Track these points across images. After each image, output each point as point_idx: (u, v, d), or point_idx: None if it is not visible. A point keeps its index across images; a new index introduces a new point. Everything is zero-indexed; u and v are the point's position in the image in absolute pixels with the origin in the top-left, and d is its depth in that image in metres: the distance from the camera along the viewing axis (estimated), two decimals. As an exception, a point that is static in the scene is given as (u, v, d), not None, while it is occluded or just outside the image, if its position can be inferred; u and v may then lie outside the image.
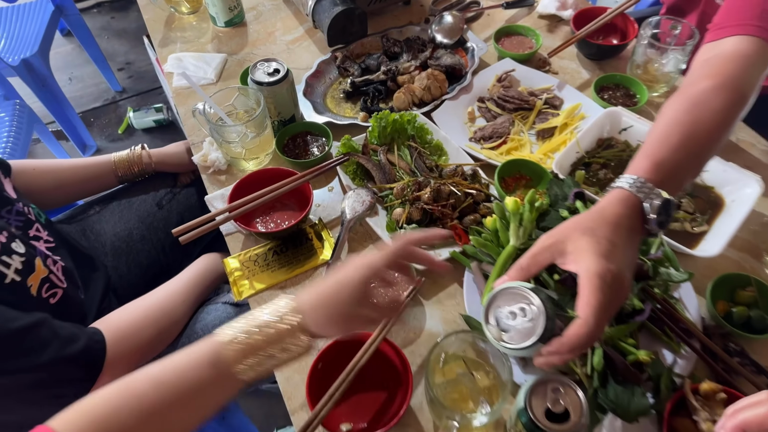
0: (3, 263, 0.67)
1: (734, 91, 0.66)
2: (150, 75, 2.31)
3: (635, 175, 0.59)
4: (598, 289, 0.51)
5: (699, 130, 0.62)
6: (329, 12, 1.06)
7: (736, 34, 0.71)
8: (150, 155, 1.04)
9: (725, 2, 0.77)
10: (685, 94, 0.67)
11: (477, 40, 1.09)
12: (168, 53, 1.15)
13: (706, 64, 0.71)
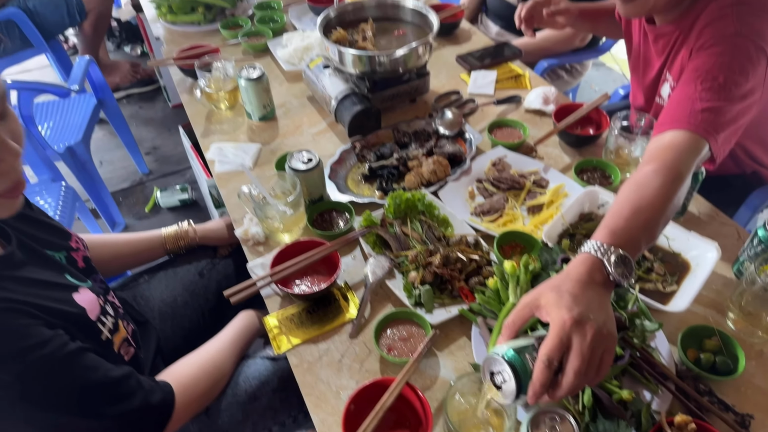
0: (101, 322, 0.79)
1: (671, 172, 0.82)
2: (174, 158, 2.51)
3: (595, 240, 0.74)
4: (555, 334, 0.64)
5: (644, 203, 0.78)
6: (350, 110, 1.25)
7: (672, 129, 0.89)
8: (195, 230, 1.19)
9: (665, 107, 0.97)
10: (634, 176, 0.84)
11: (473, 131, 1.27)
12: (208, 143, 1.32)
13: (650, 152, 0.89)
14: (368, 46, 1.33)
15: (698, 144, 0.88)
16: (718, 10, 0.97)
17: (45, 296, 0.72)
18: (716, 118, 0.89)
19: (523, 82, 1.48)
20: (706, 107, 0.89)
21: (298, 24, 1.71)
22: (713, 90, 0.90)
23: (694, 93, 0.91)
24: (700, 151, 0.88)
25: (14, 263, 0.74)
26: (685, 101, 0.92)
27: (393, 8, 1.43)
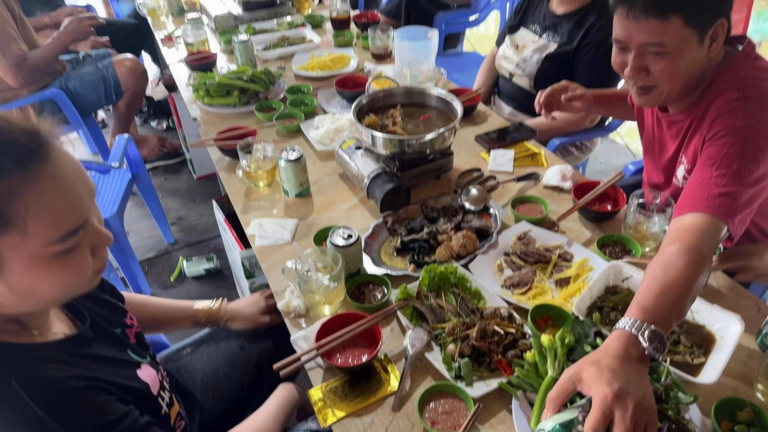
0: (161, 397, 0.83)
1: (694, 252, 0.89)
2: (199, 228, 2.58)
3: (629, 317, 0.79)
4: (598, 408, 0.69)
5: (671, 282, 0.85)
6: (382, 188, 1.32)
7: (692, 212, 0.96)
8: (226, 311, 1.23)
9: (684, 190, 1.05)
10: (660, 255, 0.91)
11: (497, 207, 1.34)
12: (248, 219, 1.39)
13: (673, 233, 0.97)
14: (398, 130, 1.43)
15: (717, 226, 0.95)
16: (727, 103, 1.06)
17: (115, 373, 0.76)
18: (732, 202, 0.96)
19: (539, 159, 1.57)
20: (722, 192, 0.97)
21: (327, 106, 1.83)
22: (728, 176, 0.98)
23: (711, 179, 0.99)
24: (720, 233, 0.95)
25: (87, 341, 0.78)
26: (702, 186, 0.99)
27: (419, 95, 1.55)
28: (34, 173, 0.60)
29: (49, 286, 0.65)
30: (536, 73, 1.87)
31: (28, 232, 0.60)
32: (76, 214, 0.64)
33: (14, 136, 0.60)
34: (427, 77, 1.82)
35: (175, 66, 2.16)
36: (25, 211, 0.59)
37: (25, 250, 0.61)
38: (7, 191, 0.58)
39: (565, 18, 1.84)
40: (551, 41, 1.86)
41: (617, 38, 1.13)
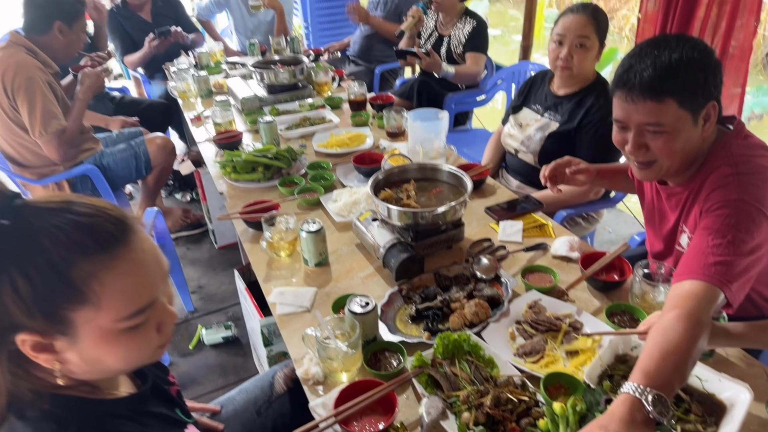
0: None
1: (691, 318, 0.93)
2: (218, 297, 2.64)
3: (632, 382, 0.83)
4: None
5: (671, 347, 0.89)
6: (397, 257, 1.38)
7: (689, 279, 1.01)
8: None
9: (682, 258, 1.10)
10: (660, 321, 0.95)
11: (508, 276, 1.39)
12: (270, 287, 1.45)
13: (671, 299, 1.01)
14: (411, 203, 1.51)
15: (714, 293, 0.99)
16: (722, 178, 1.14)
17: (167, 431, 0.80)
18: (728, 271, 1.00)
19: (547, 230, 1.63)
20: (718, 261, 1.01)
21: (345, 181, 1.93)
22: (723, 246, 1.03)
23: (707, 248, 1.04)
24: (716, 299, 0.99)
25: (146, 399, 0.83)
26: (699, 255, 1.04)
27: (431, 170, 1.64)
28: (114, 257, 0.66)
29: (115, 358, 0.70)
30: (540, 150, 1.97)
31: (101, 308, 0.65)
32: (146, 294, 0.69)
33: (103, 222, 0.66)
34: (438, 154, 1.93)
35: (204, 144, 2.30)
36: (101, 289, 0.65)
37: (97, 325, 0.66)
38: (87, 271, 0.64)
39: (566, 99, 1.96)
40: (553, 120, 1.98)
41: (617, 118, 1.21)
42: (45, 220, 0.64)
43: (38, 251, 0.63)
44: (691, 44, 1.11)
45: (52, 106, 2.32)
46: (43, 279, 0.63)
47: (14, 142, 2.43)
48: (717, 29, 2.24)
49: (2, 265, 0.62)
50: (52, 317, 0.64)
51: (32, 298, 0.63)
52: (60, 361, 0.68)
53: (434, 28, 3.07)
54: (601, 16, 1.84)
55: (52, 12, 2.31)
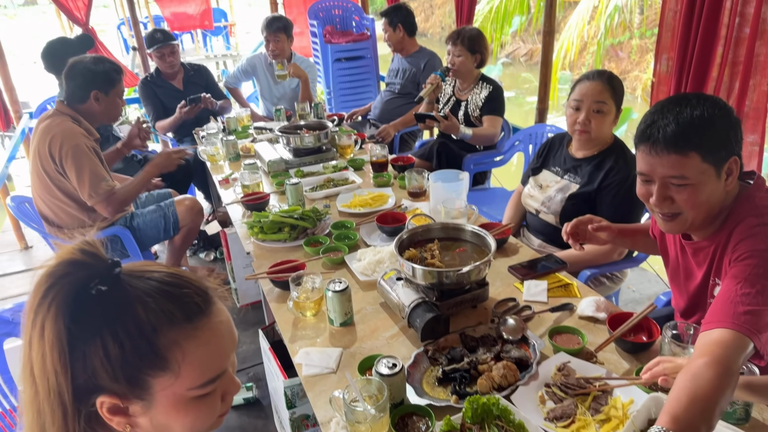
0: None
1: (720, 365, 0.93)
2: (240, 357, 2.62)
3: (659, 426, 0.84)
4: None
5: (700, 393, 0.89)
6: (422, 317, 1.38)
7: (718, 327, 1.01)
8: None
9: (711, 306, 1.10)
10: (688, 368, 0.95)
11: (535, 337, 1.37)
12: (295, 348, 1.45)
13: (701, 347, 1.01)
14: (436, 262, 1.52)
15: (743, 342, 0.98)
16: (748, 229, 1.15)
17: None
18: (757, 320, 1.00)
19: (572, 290, 1.62)
20: (747, 310, 1.02)
21: (368, 240, 1.96)
22: (752, 296, 1.03)
23: (736, 297, 1.04)
24: (746, 349, 0.99)
25: None
26: (728, 303, 1.04)
27: (455, 230, 1.66)
28: (196, 326, 0.69)
29: (182, 426, 0.71)
30: (561, 210, 1.99)
31: (180, 376, 0.68)
32: (219, 365, 0.72)
33: (190, 293, 0.70)
34: (460, 213, 1.95)
35: (232, 205, 2.37)
36: (182, 358, 0.67)
37: (172, 392, 0.68)
38: (173, 340, 0.67)
39: (585, 161, 2.00)
40: (573, 182, 2.01)
41: (641, 171, 1.24)
42: (139, 289, 0.68)
43: (131, 318, 0.66)
44: (711, 102, 1.16)
45: (99, 170, 2.44)
46: (133, 344, 0.65)
47: (52, 204, 2.53)
48: (731, 90, 2.28)
49: (97, 329, 0.65)
50: (134, 381, 0.67)
51: (120, 362, 0.65)
52: (131, 424, 0.70)
53: (452, 94, 3.18)
54: (617, 83, 1.90)
55: (87, 82, 2.43)
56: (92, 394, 0.66)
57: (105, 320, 0.65)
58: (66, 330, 0.64)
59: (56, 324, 0.64)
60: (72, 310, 0.64)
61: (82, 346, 0.65)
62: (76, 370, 0.65)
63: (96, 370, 0.65)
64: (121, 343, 0.65)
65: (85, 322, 0.65)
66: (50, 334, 0.64)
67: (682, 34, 2.10)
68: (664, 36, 2.19)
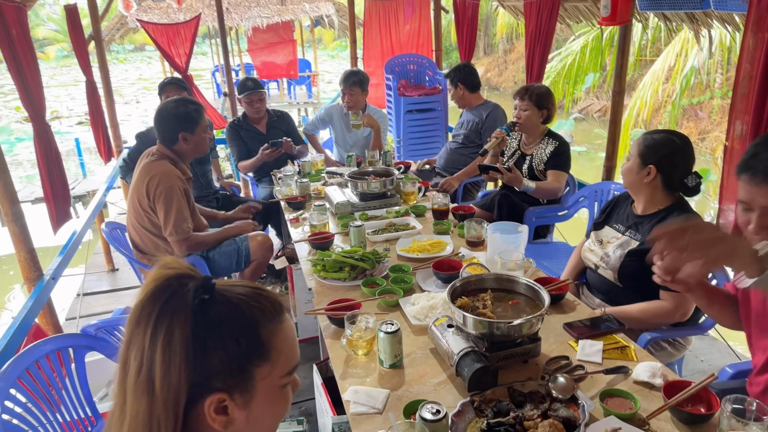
0: None
1: None
2: (294, 389, 2.67)
3: None
4: None
5: None
6: (470, 366, 1.38)
7: None
8: None
9: None
10: None
11: (586, 398, 1.33)
12: (345, 385, 1.48)
13: None
14: (488, 312, 1.52)
15: None
16: None
17: None
18: None
19: (629, 354, 1.56)
20: None
21: (423, 285, 1.98)
22: None
23: None
24: None
25: None
26: None
27: (509, 282, 1.66)
28: (281, 321, 0.80)
29: (270, 417, 0.81)
30: (619, 266, 1.93)
31: (275, 364, 0.78)
32: (296, 356, 0.84)
33: (271, 296, 0.82)
34: (516, 265, 1.94)
35: (299, 243, 2.48)
36: (277, 346, 0.79)
37: (269, 381, 0.79)
38: (270, 331, 0.78)
39: (647, 218, 1.95)
40: (633, 239, 1.95)
41: (742, 200, 1.26)
42: (235, 292, 0.79)
43: (239, 316, 0.77)
44: None
45: (184, 212, 2.66)
46: (245, 338, 0.76)
47: (142, 233, 2.76)
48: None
49: (217, 330, 0.75)
50: (244, 372, 0.76)
51: (236, 356, 0.75)
52: (229, 422, 0.77)
53: (517, 148, 3.20)
54: (651, 141, 1.91)
55: (174, 125, 2.64)
56: (203, 394, 0.75)
57: (222, 322, 0.75)
58: (192, 335, 0.72)
59: (184, 330, 0.72)
60: (195, 318, 0.73)
61: (205, 348, 0.73)
62: (197, 372, 0.73)
63: (213, 370, 0.74)
64: (237, 338, 0.75)
65: (207, 326, 0.74)
66: (179, 341, 0.71)
67: (758, 99, 2.03)
68: (739, 100, 2.12)
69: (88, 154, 10.36)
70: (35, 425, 1.72)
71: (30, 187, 8.68)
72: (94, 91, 4.42)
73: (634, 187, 1.98)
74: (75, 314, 3.65)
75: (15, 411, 1.69)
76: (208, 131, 2.78)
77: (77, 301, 3.90)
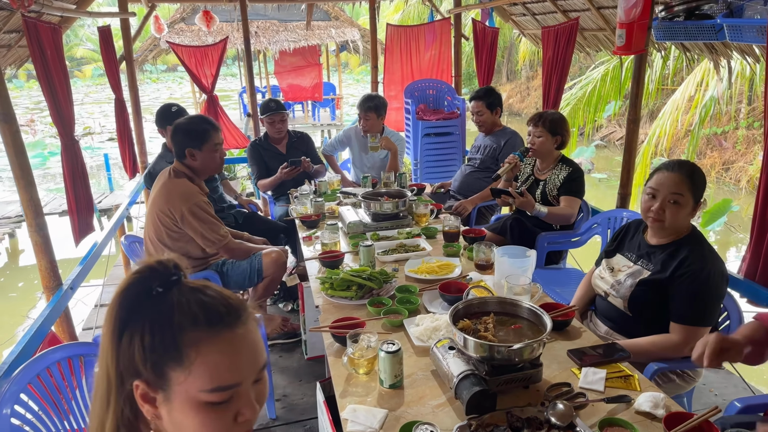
0: None
1: None
2: (299, 408, 2.67)
3: None
4: None
5: None
6: (469, 389, 1.37)
7: None
8: None
9: None
10: None
11: (584, 426, 1.31)
12: (345, 403, 1.48)
13: None
14: (489, 336, 1.51)
15: None
16: None
17: None
18: None
19: (632, 383, 1.52)
20: None
21: (429, 306, 1.98)
22: None
23: None
24: None
25: None
26: None
27: (512, 306, 1.65)
28: (216, 333, 0.77)
29: (192, 429, 0.78)
30: (630, 296, 1.90)
31: (191, 374, 0.76)
32: (231, 376, 0.77)
33: (217, 303, 0.79)
34: (523, 290, 1.93)
35: (310, 261, 2.51)
36: (196, 357, 0.76)
37: (185, 389, 0.77)
38: (191, 339, 0.76)
39: (659, 248, 1.92)
40: (645, 268, 1.93)
41: None
42: (182, 294, 0.80)
43: (167, 315, 0.78)
44: None
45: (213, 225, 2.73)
46: (161, 336, 0.77)
47: (158, 247, 2.81)
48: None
49: (142, 320, 0.77)
50: (158, 370, 0.77)
51: (150, 350, 0.77)
52: (157, 416, 0.79)
53: (531, 173, 3.20)
54: (698, 177, 1.83)
55: (182, 141, 2.69)
56: (131, 376, 0.78)
57: (150, 314, 0.77)
58: (120, 319, 0.78)
59: (116, 313, 0.78)
60: (130, 303, 0.78)
61: (130, 332, 0.77)
62: (122, 352, 0.77)
63: (134, 355, 0.77)
64: (153, 333, 0.76)
65: (136, 313, 0.78)
66: (110, 321, 0.78)
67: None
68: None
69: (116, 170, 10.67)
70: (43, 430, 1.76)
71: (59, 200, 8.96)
72: (123, 108, 4.58)
73: (679, 226, 1.88)
74: (92, 324, 3.72)
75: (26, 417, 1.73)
76: (219, 150, 2.80)
77: (95, 312, 3.98)
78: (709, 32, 2.57)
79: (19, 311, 6.08)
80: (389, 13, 17.35)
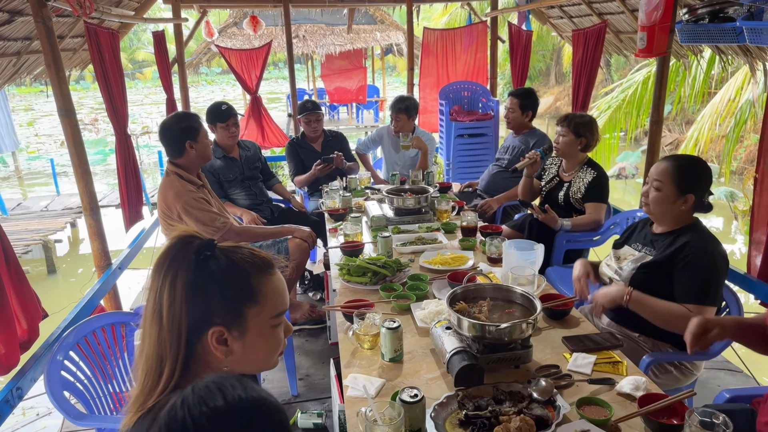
0: None
1: None
2: (320, 387, 2.84)
3: None
4: None
5: None
6: (458, 364, 1.49)
7: None
8: None
9: None
10: None
11: (563, 401, 1.40)
12: (348, 372, 1.63)
13: None
14: (482, 318, 1.62)
15: None
16: None
17: None
18: None
19: (620, 368, 1.59)
20: None
21: (437, 294, 2.10)
22: None
23: None
24: None
25: None
26: None
27: (506, 291, 1.75)
28: (269, 275, 0.99)
29: (262, 352, 0.99)
30: (631, 278, 1.96)
31: (264, 307, 0.96)
32: (283, 304, 1.01)
33: (255, 256, 0.99)
34: (527, 281, 2.02)
35: (333, 250, 2.67)
36: (265, 293, 0.97)
37: (259, 320, 0.97)
38: (259, 280, 0.97)
39: (662, 236, 1.98)
40: (648, 255, 1.98)
41: None
42: (233, 252, 0.98)
43: (232, 269, 0.95)
44: None
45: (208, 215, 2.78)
46: (238, 284, 0.95)
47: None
48: None
49: (214, 279, 0.94)
50: (237, 312, 0.95)
51: (230, 298, 0.95)
52: (229, 352, 0.96)
53: (556, 174, 3.25)
54: (687, 170, 1.90)
55: (180, 136, 2.76)
56: (206, 326, 0.93)
57: (220, 272, 0.94)
58: (193, 281, 0.92)
59: (186, 277, 0.93)
60: (194, 267, 0.93)
61: (203, 290, 0.92)
62: (195, 308, 0.92)
63: (213, 307, 0.94)
64: (231, 285, 0.94)
65: (206, 275, 0.93)
66: (180, 284, 0.92)
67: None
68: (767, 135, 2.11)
69: (169, 166, 11.21)
70: (91, 391, 1.99)
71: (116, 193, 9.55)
72: (173, 107, 4.90)
73: (665, 214, 1.96)
74: (139, 305, 4.03)
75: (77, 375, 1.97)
76: (208, 138, 2.89)
77: (142, 294, 4.30)
78: (730, 35, 2.56)
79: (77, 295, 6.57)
80: (436, 17, 17.44)
